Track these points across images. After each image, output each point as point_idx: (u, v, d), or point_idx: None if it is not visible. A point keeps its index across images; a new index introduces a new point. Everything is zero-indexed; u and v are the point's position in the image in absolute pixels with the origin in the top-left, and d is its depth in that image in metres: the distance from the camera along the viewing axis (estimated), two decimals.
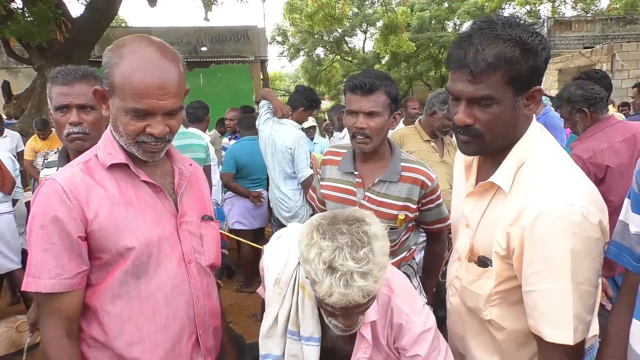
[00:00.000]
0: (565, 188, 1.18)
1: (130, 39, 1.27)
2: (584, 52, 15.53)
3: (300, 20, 22.33)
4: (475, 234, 1.39)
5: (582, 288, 1.17)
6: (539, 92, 1.24)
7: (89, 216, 1.26)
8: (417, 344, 1.46)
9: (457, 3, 26.50)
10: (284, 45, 30.23)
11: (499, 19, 1.20)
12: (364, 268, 1.20)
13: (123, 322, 1.31)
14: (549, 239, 1.16)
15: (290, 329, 1.50)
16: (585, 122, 3.02)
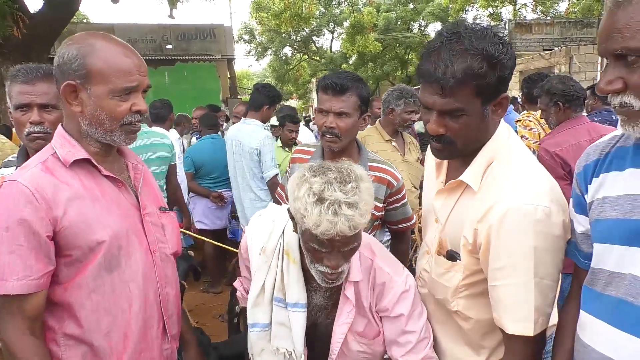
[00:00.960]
0: (530, 188, 1.24)
1: (85, 33, 1.35)
2: (544, 54, 16.03)
3: (267, 19, 22.26)
4: (444, 228, 1.44)
5: (544, 283, 1.23)
6: (506, 99, 1.31)
7: (58, 214, 1.25)
8: (399, 303, 1.49)
9: (422, 4, 26.94)
10: (251, 44, 30.06)
11: (467, 31, 1.23)
12: (351, 199, 1.26)
13: (100, 314, 1.34)
14: (514, 236, 1.22)
15: (276, 296, 1.53)
16: (558, 117, 3.13)
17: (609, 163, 1.12)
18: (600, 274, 1.10)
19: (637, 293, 1.00)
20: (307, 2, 17.88)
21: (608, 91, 0.99)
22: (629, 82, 0.95)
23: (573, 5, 22.44)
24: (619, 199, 1.06)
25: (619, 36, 0.93)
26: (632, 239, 1.02)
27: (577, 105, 3.11)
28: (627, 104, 0.97)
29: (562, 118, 3.11)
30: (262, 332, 1.55)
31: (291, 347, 1.51)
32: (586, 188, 1.18)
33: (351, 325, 1.50)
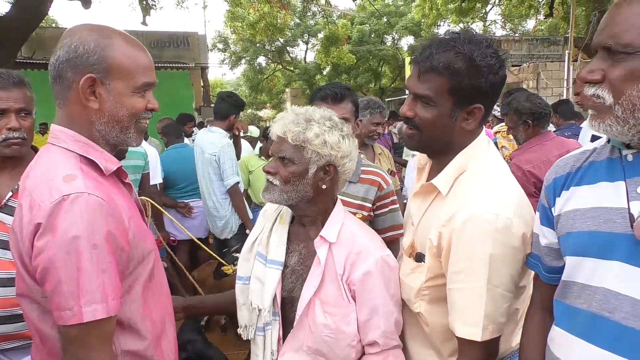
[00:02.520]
0: (495, 198, 1.27)
1: (92, 25, 1.26)
2: (512, 70, 16.46)
3: (241, 28, 22.22)
4: (417, 231, 1.47)
5: (497, 291, 1.26)
6: (479, 110, 1.33)
7: (127, 225, 1.19)
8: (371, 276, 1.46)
9: (395, 18, 27.36)
10: (225, 53, 29.91)
11: (465, 34, 1.30)
12: (299, 111, 1.48)
13: (153, 322, 1.31)
14: (473, 242, 1.25)
15: (259, 251, 1.59)
16: (527, 133, 3.22)
17: (580, 177, 1.14)
18: (573, 287, 1.11)
19: (612, 308, 1.00)
20: (282, 12, 17.92)
21: (587, 80, 1.01)
22: (608, 76, 0.97)
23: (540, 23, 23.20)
24: (589, 211, 1.07)
25: (612, 29, 0.96)
26: (604, 252, 1.03)
27: (544, 122, 3.22)
28: (600, 96, 0.99)
29: (530, 135, 3.21)
30: (244, 286, 1.61)
31: (261, 305, 1.53)
32: (554, 201, 1.20)
33: (319, 291, 1.47)
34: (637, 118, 0.95)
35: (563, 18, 19.10)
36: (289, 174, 1.45)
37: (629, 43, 0.93)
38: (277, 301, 1.53)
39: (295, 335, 1.50)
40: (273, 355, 1.52)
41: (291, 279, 1.55)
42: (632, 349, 0.97)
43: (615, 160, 1.07)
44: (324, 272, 1.47)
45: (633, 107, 0.95)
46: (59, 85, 1.23)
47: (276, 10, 16.75)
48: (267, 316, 1.51)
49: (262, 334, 1.55)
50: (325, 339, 1.45)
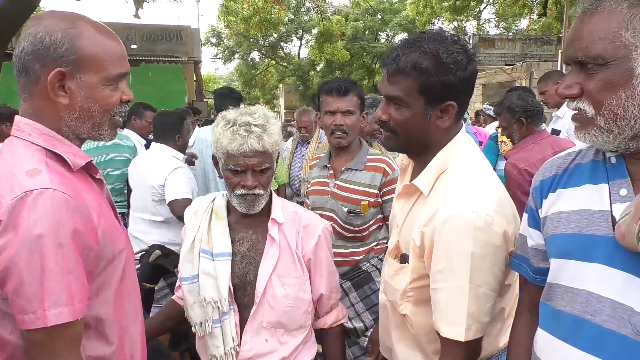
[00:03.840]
0: (476, 196, 1.27)
1: (59, 13, 1.17)
2: (506, 68, 16.54)
3: (235, 23, 22.13)
4: (401, 232, 1.47)
5: (479, 290, 1.25)
6: (452, 107, 1.32)
7: (96, 222, 1.11)
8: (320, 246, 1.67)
9: (389, 15, 27.39)
10: (219, 47, 29.78)
11: (431, 32, 1.32)
12: (259, 122, 1.52)
13: (122, 326, 1.24)
14: (454, 241, 1.24)
15: (203, 248, 1.64)
16: (521, 131, 3.20)
17: (566, 179, 1.14)
18: (557, 290, 1.11)
19: (593, 311, 1.00)
20: (276, 8, 17.87)
21: (566, 95, 1.01)
22: (585, 89, 0.97)
23: (533, 22, 23.30)
24: (574, 213, 1.07)
25: (580, 43, 0.96)
26: (586, 254, 1.03)
27: (538, 119, 3.20)
28: (582, 109, 0.99)
29: (525, 133, 3.19)
30: (192, 285, 1.64)
31: (217, 297, 1.57)
32: (541, 202, 1.19)
33: (276, 268, 1.60)
34: (620, 126, 0.95)
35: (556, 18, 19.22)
36: (268, 180, 1.59)
37: (599, 54, 0.93)
38: (230, 290, 1.59)
39: (255, 314, 1.60)
40: (234, 342, 1.58)
41: (242, 265, 1.63)
42: (612, 352, 0.97)
43: (598, 163, 1.07)
44: (279, 249, 1.62)
45: (615, 116, 0.95)
46: (24, 78, 1.13)
47: (270, 5, 16.72)
48: (225, 306, 1.57)
49: (219, 325, 1.59)
50: (286, 310, 1.59)
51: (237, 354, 1.59)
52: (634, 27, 0.89)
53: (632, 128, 0.94)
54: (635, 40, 0.90)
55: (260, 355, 1.60)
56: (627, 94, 0.92)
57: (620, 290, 0.96)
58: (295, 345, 1.64)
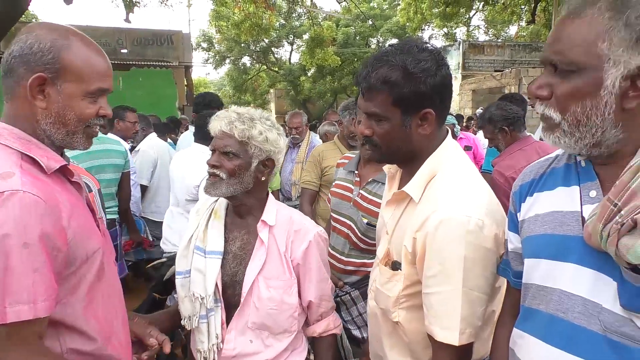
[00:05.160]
0: (466, 200, 1.29)
1: (52, 25, 1.25)
2: (495, 74, 16.68)
3: (226, 28, 22.12)
4: (391, 239, 1.48)
5: (473, 294, 1.27)
6: (430, 114, 1.34)
7: (65, 225, 1.15)
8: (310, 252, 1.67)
9: (380, 22, 27.51)
10: (210, 52, 29.70)
11: (398, 45, 1.35)
12: (242, 111, 1.63)
13: (102, 323, 1.28)
14: (446, 245, 1.26)
15: (197, 245, 1.69)
16: (506, 140, 3.25)
17: (542, 183, 1.17)
18: (530, 289, 1.14)
19: (566, 308, 1.03)
20: (267, 13, 17.89)
21: (536, 95, 1.03)
22: (554, 92, 1.00)
23: (522, 29, 23.55)
24: (548, 215, 1.10)
25: (558, 46, 0.98)
26: (558, 254, 1.06)
27: (520, 125, 3.25)
28: (547, 115, 1.02)
29: (510, 141, 3.24)
30: (184, 279, 1.70)
31: (204, 293, 1.62)
32: (519, 206, 1.22)
33: (263, 270, 1.62)
34: (582, 132, 0.98)
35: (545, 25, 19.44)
36: (234, 167, 1.59)
37: (573, 61, 0.95)
38: (218, 287, 1.63)
39: (240, 314, 1.63)
40: (218, 339, 1.62)
41: (233, 264, 1.67)
42: (584, 348, 1.00)
43: (571, 166, 1.11)
44: (267, 251, 1.63)
45: (577, 123, 0.98)
46: (9, 79, 1.21)
47: (262, 10, 16.70)
48: (210, 302, 1.61)
49: (205, 320, 1.63)
50: (270, 312, 1.61)
51: (220, 351, 1.63)
52: (611, 39, 0.91)
53: (594, 136, 0.97)
54: (610, 53, 0.92)
55: (244, 355, 1.63)
56: (593, 103, 0.95)
57: (590, 288, 1.00)
58: (281, 349, 1.66)
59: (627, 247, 0.88)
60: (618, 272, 0.95)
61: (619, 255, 0.90)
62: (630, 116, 0.95)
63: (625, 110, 0.94)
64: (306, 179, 3.49)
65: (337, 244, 2.42)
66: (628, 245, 0.87)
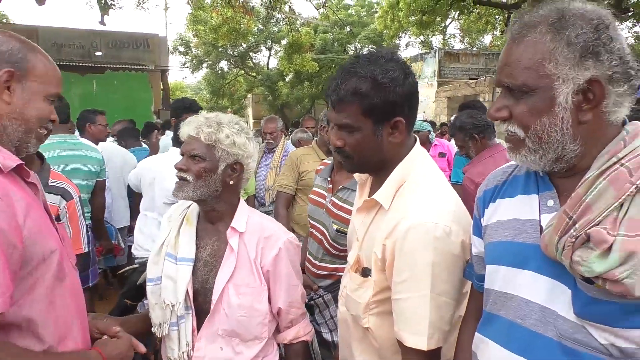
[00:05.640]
0: (434, 207, 1.31)
1: (17, 35, 1.31)
2: (470, 82, 16.97)
3: (204, 32, 21.98)
4: (362, 246, 1.49)
5: (441, 299, 1.29)
6: (401, 123, 1.37)
7: (21, 222, 1.13)
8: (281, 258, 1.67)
9: (358, 28, 27.74)
10: (187, 56, 29.47)
11: (364, 56, 1.37)
12: (210, 115, 1.65)
13: (60, 326, 1.26)
14: (415, 251, 1.28)
15: (168, 251, 1.68)
16: (477, 148, 3.31)
17: (504, 190, 1.21)
18: (491, 294, 1.17)
19: (524, 315, 1.06)
20: (245, 18, 17.83)
21: (496, 118, 1.07)
22: (513, 113, 1.03)
23: (496, 38, 24.01)
24: (508, 222, 1.14)
25: (508, 70, 1.02)
26: (517, 261, 1.09)
27: (490, 133, 3.30)
28: (512, 132, 1.05)
29: (480, 148, 3.29)
30: (155, 286, 1.69)
31: (175, 300, 1.61)
32: (483, 212, 1.26)
33: (233, 277, 1.62)
34: (545, 149, 1.02)
35: None
36: (200, 170, 1.59)
37: (524, 83, 0.99)
38: (189, 295, 1.63)
39: (210, 321, 1.63)
40: (188, 346, 1.62)
41: (204, 271, 1.66)
42: (540, 354, 1.03)
43: (531, 175, 1.15)
44: (237, 258, 1.63)
45: (540, 140, 1.01)
46: None
47: (240, 15, 16.63)
48: (180, 309, 1.60)
49: (176, 328, 1.63)
50: (240, 319, 1.61)
51: (190, 359, 1.62)
52: (556, 59, 0.96)
53: (555, 151, 1.01)
54: (557, 72, 0.96)
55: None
56: (550, 120, 0.99)
57: (546, 296, 1.03)
58: (251, 356, 1.65)
59: (580, 260, 0.91)
60: (572, 281, 0.98)
61: (573, 268, 0.93)
62: (586, 129, 0.99)
63: (582, 124, 0.99)
64: (282, 183, 3.48)
65: (312, 249, 2.46)
66: (582, 259, 0.91)
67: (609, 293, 0.90)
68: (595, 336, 0.95)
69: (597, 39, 0.93)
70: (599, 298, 0.93)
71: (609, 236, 0.89)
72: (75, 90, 12.75)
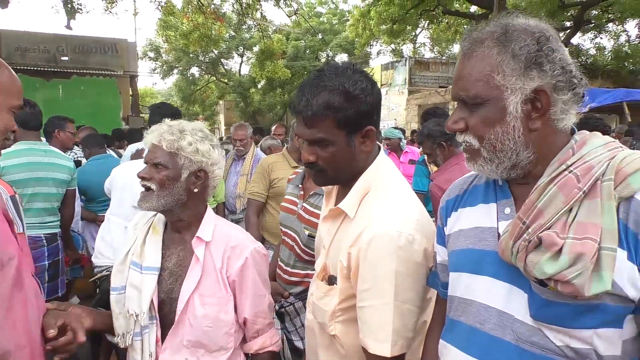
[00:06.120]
0: (397, 216, 1.33)
1: None
2: (440, 90, 17.28)
3: (174, 38, 21.74)
4: (328, 254, 1.50)
5: (404, 307, 1.31)
6: (372, 131, 1.40)
7: None
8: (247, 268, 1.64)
9: (330, 36, 27.94)
10: (157, 62, 29.11)
11: (329, 69, 1.37)
12: (173, 123, 1.63)
13: (18, 333, 1.25)
14: (378, 260, 1.30)
15: (133, 260, 1.66)
16: (444, 155, 3.35)
17: (465, 199, 1.24)
18: (454, 301, 1.20)
19: (483, 320, 1.10)
20: (216, 24, 17.74)
21: (453, 129, 1.12)
22: (468, 124, 1.08)
23: None
24: (470, 231, 1.17)
25: (461, 83, 1.07)
26: (476, 268, 1.13)
27: (457, 140, 3.36)
28: (468, 142, 1.09)
29: (448, 155, 3.34)
30: (119, 295, 1.66)
31: (139, 310, 1.58)
32: (446, 221, 1.29)
33: (198, 287, 1.59)
34: (500, 157, 1.06)
35: None
36: (163, 178, 1.57)
37: (477, 95, 1.04)
38: (154, 305, 1.60)
39: (175, 331, 1.60)
40: (151, 357, 1.59)
41: (169, 281, 1.63)
42: (499, 358, 1.06)
43: (490, 184, 1.19)
44: (202, 268, 1.60)
45: (494, 149, 1.06)
46: None
47: (211, 21, 16.53)
48: (144, 319, 1.58)
49: (140, 338, 1.60)
50: (205, 330, 1.58)
51: None
52: (503, 71, 1.01)
53: (510, 159, 1.05)
54: (505, 82, 1.01)
55: None
56: (503, 129, 1.03)
57: (504, 301, 1.06)
58: None
59: (533, 263, 0.95)
60: (528, 285, 1.02)
61: (527, 271, 0.97)
62: (537, 137, 1.04)
63: (532, 131, 1.03)
64: (253, 190, 3.46)
65: (284, 256, 2.45)
66: (534, 262, 0.95)
67: (561, 295, 0.94)
68: (551, 338, 0.99)
69: (539, 50, 0.99)
70: (553, 300, 0.97)
71: (559, 239, 0.93)
72: (39, 95, 12.42)
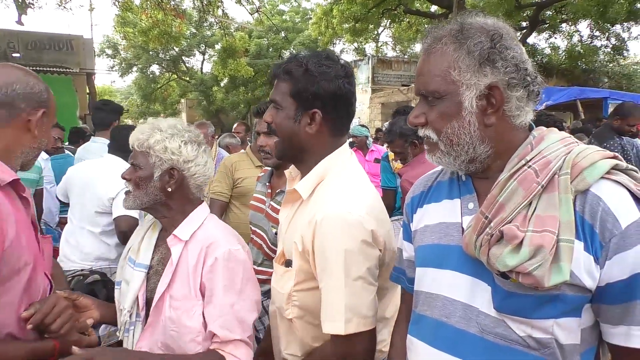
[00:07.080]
0: (349, 199, 1.37)
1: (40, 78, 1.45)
2: (402, 89, 17.53)
3: (133, 34, 21.21)
4: (284, 237, 1.54)
5: (356, 284, 1.32)
6: (318, 115, 1.43)
7: (5, 232, 1.25)
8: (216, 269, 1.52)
9: (292, 34, 27.89)
10: (115, 59, 28.34)
11: (315, 51, 1.49)
12: (154, 121, 1.63)
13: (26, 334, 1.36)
14: (329, 239, 1.33)
15: (130, 256, 1.68)
16: (415, 152, 3.40)
17: (430, 195, 1.27)
18: (420, 296, 1.22)
19: (449, 313, 1.12)
20: (176, 21, 17.38)
21: (414, 124, 1.16)
22: (428, 118, 1.12)
23: None
24: (436, 226, 1.20)
25: (422, 79, 1.11)
26: (441, 262, 1.16)
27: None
28: (428, 136, 1.13)
29: (418, 152, 3.38)
30: (117, 290, 1.69)
31: (124, 305, 1.60)
32: (412, 217, 1.31)
33: (170, 288, 1.54)
34: (457, 151, 1.10)
35: None
36: (136, 178, 1.57)
37: (435, 90, 1.09)
38: (139, 302, 1.59)
39: (150, 332, 1.57)
40: None
41: (154, 279, 1.61)
42: (465, 350, 1.08)
43: (454, 180, 1.22)
44: (175, 268, 1.54)
45: (451, 142, 1.10)
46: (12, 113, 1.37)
47: (171, 18, 16.18)
48: (126, 315, 1.58)
49: (128, 334, 1.60)
50: (171, 334, 1.51)
51: None
52: (459, 67, 1.05)
53: (467, 153, 1.09)
54: (461, 78, 1.05)
55: None
56: (459, 124, 1.07)
57: (468, 294, 1.09)
58: None
59: (495, 256, 0.98)
60: (491, 278, 1.05)
61: (490, 264, 1.00)
62: (493, 132, 1.08)
63: (488, 126, 1.07)
64: (216, 190, 3.39)
65: (252, 255, 2.43)
66: (497, 255, 0.98)
67: (522, 286, 0.97)
68: (514, 329, 1.02)
69: (492, 47, 1.03)
70: (515, 292, 1.00)
71: (520, 232, 0.96)
72: None
